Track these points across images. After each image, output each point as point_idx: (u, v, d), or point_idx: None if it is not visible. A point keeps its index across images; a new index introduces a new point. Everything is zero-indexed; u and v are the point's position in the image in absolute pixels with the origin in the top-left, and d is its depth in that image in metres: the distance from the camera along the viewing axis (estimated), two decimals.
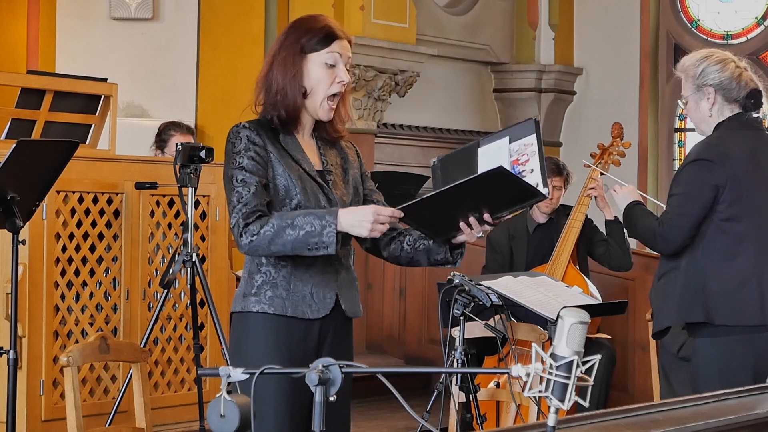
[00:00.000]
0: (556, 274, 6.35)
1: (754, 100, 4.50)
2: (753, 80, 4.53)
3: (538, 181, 3.44)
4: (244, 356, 3.50)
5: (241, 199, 3.46)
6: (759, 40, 10.59)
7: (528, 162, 3.49)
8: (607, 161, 6.57)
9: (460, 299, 4.49)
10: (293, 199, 3.50)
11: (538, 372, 2.32)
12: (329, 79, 3.54)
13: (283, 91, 3.53)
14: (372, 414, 7.06)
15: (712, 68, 4.48)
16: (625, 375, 7.45)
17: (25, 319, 5.27)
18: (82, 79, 6.09)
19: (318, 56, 3.54)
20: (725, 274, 4.37)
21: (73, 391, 3.60)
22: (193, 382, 5.86)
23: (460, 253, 3.60)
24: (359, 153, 3.76)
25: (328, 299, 3.55)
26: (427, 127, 10.14)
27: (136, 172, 5.68)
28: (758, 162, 4.47)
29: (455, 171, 3.61)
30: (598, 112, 10.63)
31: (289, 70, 3.53)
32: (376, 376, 2.59)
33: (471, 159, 3.61)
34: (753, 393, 3.31)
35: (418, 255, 3.62)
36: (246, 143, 3.50)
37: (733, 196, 4.39)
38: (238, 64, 8.77)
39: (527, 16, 10.83)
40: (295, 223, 3.41)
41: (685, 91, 4.56)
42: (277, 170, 3.51)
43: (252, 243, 3.43)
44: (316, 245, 3.40)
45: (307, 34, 3.54)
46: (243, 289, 3.57)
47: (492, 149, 3.58)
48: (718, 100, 4.48)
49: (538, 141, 3.51)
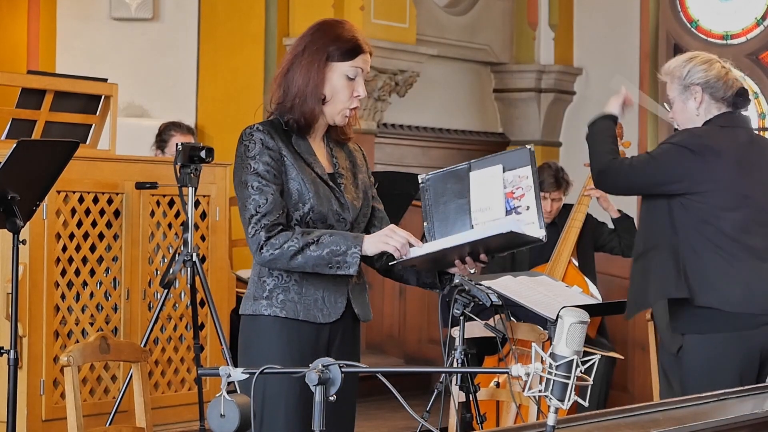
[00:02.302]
0: (556, 273, 6.35)
1: (741, 98, 4.54)
2: (738, 80, 4.58)
3: (534, 221, 3.46)
4: (254, 359, 3.50)
5: (259, 209, 3.45)
6: (759, 40, 10.58)
7: (523, 197, 3.50)
8: None
9: (460, 299, 4.48)
10: (306, 203, 3.50)
11: (537, 372, 2.33)
12: (347, 92, 3.55)
13: (303, 96, 3.52)
14: (372, 414, 7.06)
15: (699, 68, 4.53)
16: (625, 375, 7.45)
17: (26, 318, 5.27)
18: (82, 79, 6.09)
19: (341, 67, 3.54)
20: (708, 262, 4.40)
21: (73, 391, 3.61)
22: (193, 381, 5.86)
23: (449, 279, 3.64)
24: (365, 156, 3.77)
25: (339, 304, 3.56)
26: (427, 127, 10.14)
27: (136, 172, 5.68)
28: (745, 157, 4.51)
29: (447, 195, 3.61)
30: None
31: (312, 77, 3.52)
32: (376, 376, 2.59)
33: (462, 183, 3.61)
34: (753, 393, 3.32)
35: (408, 274, 3.65)
36: (260, 147, 3.49)
37: (706, 191, 4.42)
38: (238, 64, 8.77)
39: (527, 16, 10.83)
40: (321, 241, 3.43)
41: (671, 92, 4.60)
42: (290, 174, 3.51)
43: (273, 256, 3.44)
44: (338, 263, 3.43)
45: (335, 43, 3.54)
46: (253, 292, 3.56)
47: (485, 176, 3.57)
48: (706, 99, 4.52)
49: (533, 174, 3.51)
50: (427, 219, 3.62)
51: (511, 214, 3.49)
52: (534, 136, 10.74)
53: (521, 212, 3.47)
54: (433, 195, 3.64)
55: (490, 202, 3.53)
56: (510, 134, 10.80)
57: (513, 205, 3.49)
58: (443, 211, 3.59)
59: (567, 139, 10.95)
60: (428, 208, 3.63)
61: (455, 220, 3.57)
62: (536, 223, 3.45)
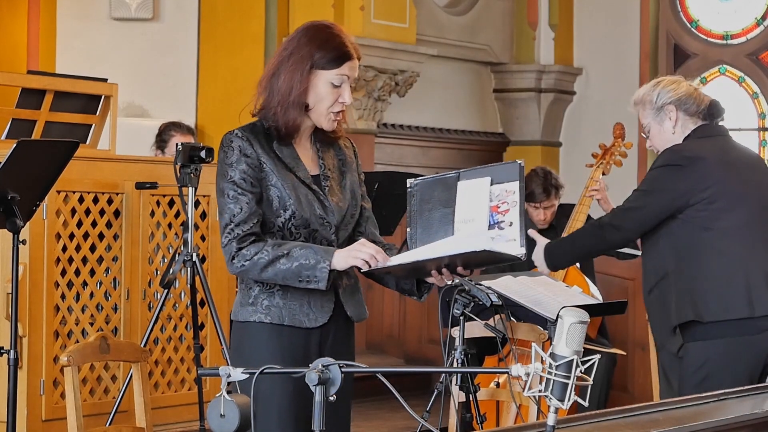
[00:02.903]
0: (557, 274, 6.34)
1: (715, 109, 4.61)
2: (707, 96, 4.66)
3: (516, 237, 3.45)
4: (246, 364, 3.50)
5: (233, 218, 3.44)
6: (759, 40, 10.59)
7: (508, 213, 3.48)
8: (609, 162, 6.56)
9: (460, 299, 4.48)
10: (287, 209, 3.48)
11: (537, 372, 2.33)
12: (332, 98, 3.50)
13: (285, 105, 3.48)
14: (372, 414, 7.06)
15: (667, 88, 4.64)
16: (625, 375, 7.46)
17: (26, 318, 5.27)
18: (82, 79, 6.09)
19: (326, 74, 3.49)
20: (712, 271, 4.42)
21: (73, 391, 3.61)
22: (193, 381, 5.86)
23: (427, 288, 3.62)
24: (357, 152, 3.73)
25: (326, 308, 3.53)
26: (427, 127, 10.14)
27: (136, 172, 5.68)
28: (729, 162, 4.56)
29: (433, 203, 3.60)
30: (598, 113, 10.62)
31: (295, 85, 3.47)
32: (376, 376, 2.60)
33: (450, 192, 3.59)
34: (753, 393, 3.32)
35: (387, 278, 3.63)
36: (238, 155, 3.46)
37: (709, 195, 4.45)
38: (238, 64, 8.77)
39: (527, 16, 10.83)
40: (291, 254, 3.40)
41: (645, 119, 4.68)
42: (270, 180, 3.48)
43: (243, 267, 3.44)
44: (308, 278, 3.41)
45: (320, 50, 3.48)
46: (240, 298, 3.57)
47: (472, 187, 3.56)
48: (680, 116, 4.60)
49: (520, 189, 3.49)
50: (411, 225, 3.61)
51: (494, 228, 3.48)
52: (534, 136, 10.74)
53: (504, 228, 3.46)
54: (419, 201, 3.62)
55: (474, 214, 3.52)
56: (510, 134, 10.80)
57: (497, 220, 3.48)
58: (428, 218, 3.58)
59: (567, 139, 10.95)
60: (413, 214, 3.62)
61: (438, 229, 3.56)
62: (517, 241, 3.44)
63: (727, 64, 10.68)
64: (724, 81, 10.76)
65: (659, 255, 4.56)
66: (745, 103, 10.68)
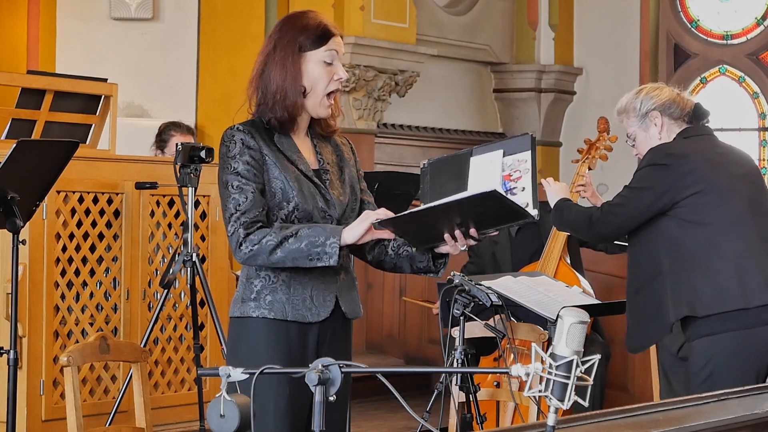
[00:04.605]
0: (547, 271, 6.33)
1: (699, 112, 4.65)
2: (691, 99, 4.70)
3: (528, 201, 3.43)
4: (242, 361, 3.49)
5: (238, 207, 3.44)
6: (759, 40, 10.59)
7: (520, 179, 3.47)
8: (594, 156, 6.54)
9: (460, 299, 4.49)
10: (290, 202, 3.48)
11: (537, 372, 2.32)
12: (327, 77, 3.53)
13: (284, 91, 3.50)
14: (372, 414, 7.07)
15: (650, 95, 4.69)
16: (625, 375, 7.45)
17: (26, 319, 5.27)
18: (82, 79, 6.09)
19: (316, 54, 3.51)
20: (706, 266, 4.43)
21: (73, 391, 3.60)
22: (193, 382, 5.86)
23: (443, 263, 3.58)
24: (354, 149, 3.74)
25: (328, 301, 3.53)
26: (427, 127, 10.14)
27: (136, 172, 5.69)
28: (715, 158, 4.60)
29: (445, 178, 3.59)
30: (598, 112, 10.54)
31: (288, 71, 3.50)
32: (376, 376, 2.59)
33: (462, 167, 3.58)
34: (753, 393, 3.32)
35: (401, 261, 3.60)
36: (241, 147, 3.47)
37: (698, 191, 4.48)
38: (238, 64, 8.77)
39: (527, 16, 10.83)
40: (300, 233, 3.39)
41: (630, 127, 4.72)
42: (272, 173, 3.49)
43: (252, 252, 3.41)
44: (318, 255, 3.38)
45: (303, 33, 3.51)
46: (241, 294, 3.55)
47: (485, 160, 3.56)
48: (666, 121, 4.65)
49: (532, 158, 3.48)
50: (423, 200, 3.60)
51: (507, 194, 3.47)
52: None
53: (516, 193, 3.45)
54: (431, 178, 3.63)
55: (487, 182, 3.49)
56: (510, 134, 10.79)
57: (509, 187, 3.47)
58: (439, 192, 3.56)
59: (567, 139, 10.95)
60: (426, 189, 3.61)
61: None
62: (530, 204, 3.43)
63: (728, 64, 10.69)
64: (724, 81, 10.76)
65: (650, 254, 4.57)
66: (745, 103, 10.69)
